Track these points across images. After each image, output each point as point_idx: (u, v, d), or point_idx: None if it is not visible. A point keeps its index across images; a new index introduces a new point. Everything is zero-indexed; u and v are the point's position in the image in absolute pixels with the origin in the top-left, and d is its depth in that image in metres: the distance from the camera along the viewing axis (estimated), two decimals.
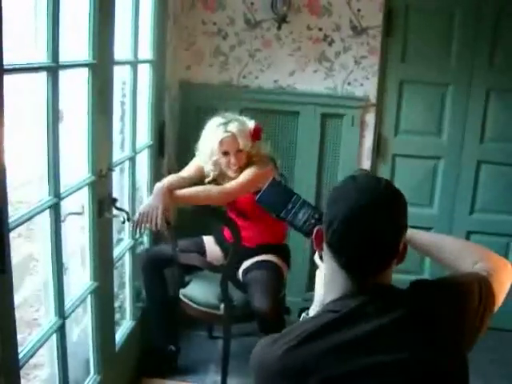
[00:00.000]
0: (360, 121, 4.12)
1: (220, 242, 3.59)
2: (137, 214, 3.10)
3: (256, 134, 3.36)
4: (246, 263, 3.44)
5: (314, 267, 4.21)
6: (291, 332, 1.46)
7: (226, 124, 3.27)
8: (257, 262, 3.41)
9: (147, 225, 3.08)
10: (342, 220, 1.44)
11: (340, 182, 1.56)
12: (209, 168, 3.37)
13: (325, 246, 1.52)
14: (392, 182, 1.55)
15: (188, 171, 3.42)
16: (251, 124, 3.36)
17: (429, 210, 4.30)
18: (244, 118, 3.41)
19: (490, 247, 4.41)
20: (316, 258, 1.66)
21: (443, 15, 4.09)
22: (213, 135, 3.28)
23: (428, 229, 4.28)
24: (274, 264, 3.41)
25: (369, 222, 1.43)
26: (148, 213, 3.06)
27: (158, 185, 3.15)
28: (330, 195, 1.53)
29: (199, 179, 3.42)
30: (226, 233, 3.51)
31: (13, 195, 1.95)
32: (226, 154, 3.28)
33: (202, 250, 3.59)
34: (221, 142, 3.25)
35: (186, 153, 3.51)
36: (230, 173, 3.32)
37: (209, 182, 3.39)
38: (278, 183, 1.88)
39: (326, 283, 1.56)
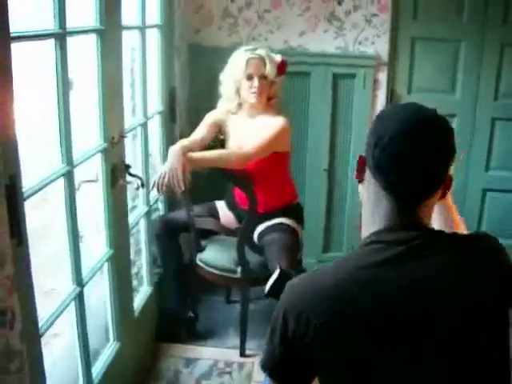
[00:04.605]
0: (372, 79, 4.07)
1: (232, 207, 3.59)
2: (156, 176, 3.09)
3: (282, 67, 3.37)
4: (261, 227, 3.44)
5: (329, 226, 4.24)
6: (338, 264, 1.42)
7: (254, 49, 3.32)
8: (271, 225, 3.41)
9: (164, 188, 3.07)
10: (393, 134, 1.34)
11: (384, 107, 1.47)
12: (230, 94, 3.38)
13: (368, 173, 1.43)
14: None
15: (200, 132, 3.42)
16: (278, 57, 3.38)
17: None
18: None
19: (505, 204, 4.42)
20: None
21: None
22: (240, 57, 3.30)
23: None
24: (287, 226, 3.40)
25: (423, 137, 1.34)
26: (167, 174, 3.05)
27: (173, 147, 3.14)
28: (375, 117, 1.44)
29: (212, 138, 3.44)
30: (238, 197, 3.51)
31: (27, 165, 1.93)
32: (250, 78, 3.28)
33: (215, 215, 3.59)
34: (247, 62, 3.26)
35: (197, 117, 3.49)
36: (250, 98, 3.32)
37: (220, 143, 3.43)
38: (287, 276, 1.76)
39: (367, 216, 1.46)
